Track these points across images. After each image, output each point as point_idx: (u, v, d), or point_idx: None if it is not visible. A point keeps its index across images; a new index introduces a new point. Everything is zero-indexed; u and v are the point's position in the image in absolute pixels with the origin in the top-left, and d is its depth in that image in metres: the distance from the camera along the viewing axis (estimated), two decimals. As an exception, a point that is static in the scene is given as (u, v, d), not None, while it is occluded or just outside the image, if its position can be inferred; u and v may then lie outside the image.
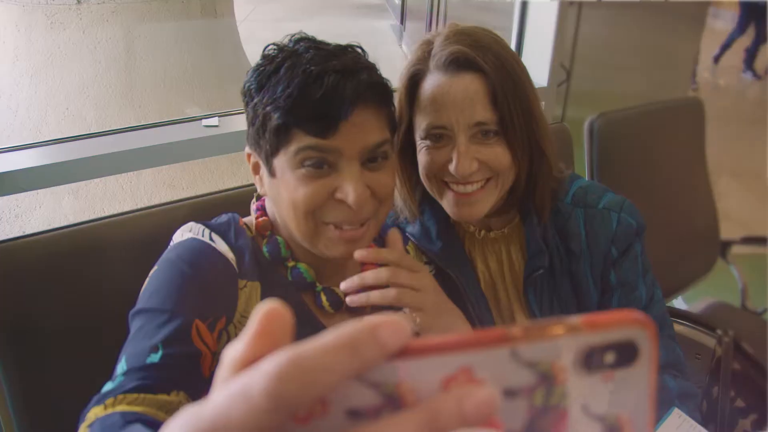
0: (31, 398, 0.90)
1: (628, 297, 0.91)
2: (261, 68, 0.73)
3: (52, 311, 0.91)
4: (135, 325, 0.70)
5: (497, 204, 0.88)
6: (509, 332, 0.21)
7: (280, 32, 0.76)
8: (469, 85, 0.80)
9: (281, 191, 0.74)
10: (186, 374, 0.67)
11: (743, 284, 1.82)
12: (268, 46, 0.75)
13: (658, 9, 3.75)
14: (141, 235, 0.97)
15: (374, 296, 0.76)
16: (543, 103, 0.89)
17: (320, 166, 0.71)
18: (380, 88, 0.73)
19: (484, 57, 0.80)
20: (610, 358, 0.22)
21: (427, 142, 0.84)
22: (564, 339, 0.22)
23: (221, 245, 0.77)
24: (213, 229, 0.79)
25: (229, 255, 0.76)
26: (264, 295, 0.77)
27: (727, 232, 1.88)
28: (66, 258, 0.92)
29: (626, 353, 0.22)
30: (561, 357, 0.22)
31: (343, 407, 0.21)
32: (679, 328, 1.24)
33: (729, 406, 0.98)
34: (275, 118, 0.69)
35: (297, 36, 0.76)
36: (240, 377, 0.20)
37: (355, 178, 0.71)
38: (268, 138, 0.71)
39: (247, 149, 0.79)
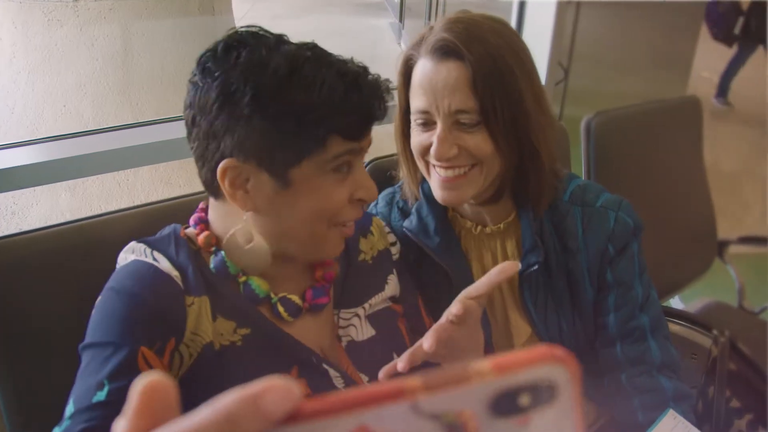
0: (24, 396, 0.89)
1: (625, 296, 0.91)
2: (255, 70, 0.66)
3: (48, 308, 0.91)
4: (83, 361, 0.68)
5: (485, 192, 0.89)
6: (406, 386, 0.20)
7: (279, 29, 0.74)
8: (451, 72, 0.81)
9: (299, 201, 0.70)
10: None
11: (740, 284, 1.82)
12: (207, 53, 0.69)
13: (656, 8, 3.75)
14: (138, 232, 0.96)
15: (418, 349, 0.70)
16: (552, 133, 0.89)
17: (343, 169, 0.71)
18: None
19: (470, 46, 0.80)
20: (525, 400, 0.21)
21: (416, 125, 0.87)
22: (470, 386, 0.20)
23: (164, 263, 0.73)
24: (154, 246, 0.75)
25: (173, 273, 0.72)
26: (214, 309, 0.73)
27: (724, 231, 1.88)
28: (63, 255, 0.92)
29: (543, 393, 0.21)
30: (469, 405, 0.21)
31: None
32: (675, 327, 1.24)
33: (725, 406, 0.98)
34: (315, 126, 0.66)
35: (244, 31, 0.70)
36: None
37: (368, 176, 0.73)
38: (294, 147, 0.67)
39: (229, 162, 0.68)
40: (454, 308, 0.68)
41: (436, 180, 0.88)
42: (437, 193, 0.89)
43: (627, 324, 0.91)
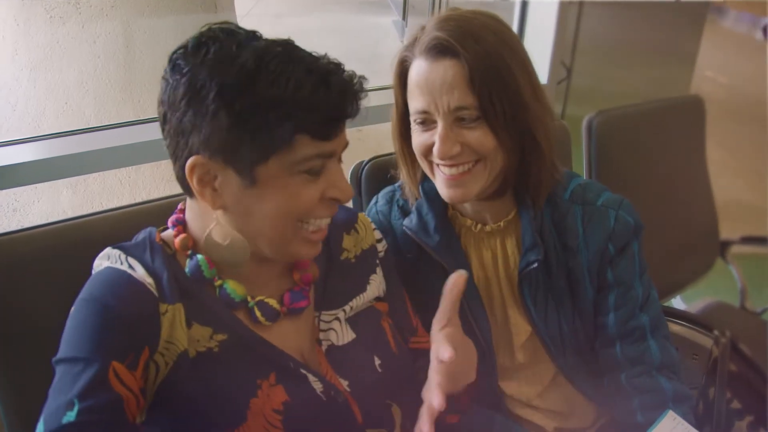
0: (23, 395, 0.89)
1: (625, 296, 0.91)
2: (225, 67, 0.65)
3: (49, 305, 0.91)
4: (56, 376, 0.67)
5: (489, 187, 0.89)
6: None
7: (282, 28, 0.74)
8: (448, 70, 0.81)
9: (265, 199, 0.69)
10: (106, 427, 0.64)
11: (742, 284, 1.82)
12: (177, 51, 0.69)
13: (659, 7, 3.73)
14: (139, 229, 0.96)
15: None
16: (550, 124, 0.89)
17: (317, 170, 0.69)
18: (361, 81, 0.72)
19: (464, 43, 0.80)
20: None
21: (416, 125, 0.87)
22: None
23: (138, 270, 0.72)
24: (129, 252, 0.74)
25: (147, 280, 0.71)
26: (189, 316, 0.73)
27: (726, 231, 1.87)
28: (64, 252, 0.92)
29: None
30: None
31: None
32: (676, 328, 1.24)
33: (725, 407, 0.97)
34: (280, 124, 0.65)
35: (218, 27, 0.69)
36: None
37: (344, 176, 0.71)
38: (260, 145, 0.66)
39: (196, 160, 0.68)
40: (443, 353, 0.67)
41: (440, 179, 0.88)
42: (443, 191, 0.89)
43: (627, 324, 0.91)
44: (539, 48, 1.72)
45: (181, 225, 0.78)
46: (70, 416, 0.61)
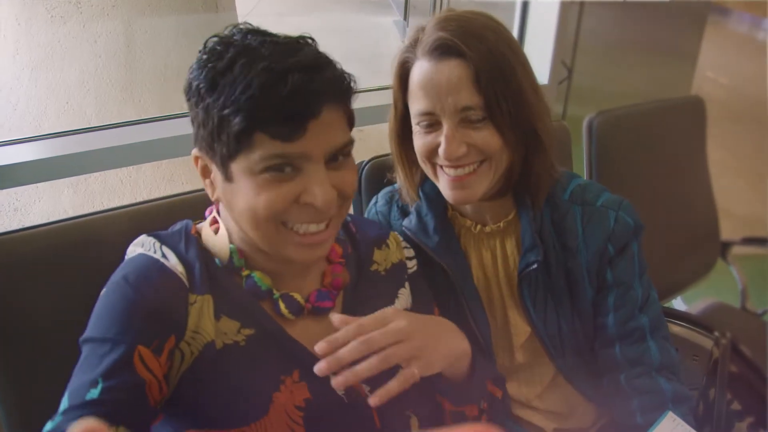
0: (25, 393, 0.90)
1: (624, 297, 0.91)
2: (209, 64, 0.67)
3: (49, 305, 0.91)
4: (82, 354, 0.69)
5: (493, 188, 0.89)
6: None
7: (283, 27, 0.73)
8: (453, 70, 0.81)
9: (238, 196, 0.70)
10: (128, 407, 0.65)
11: (743, 285, 1.81)
12: (210, 39, 0.71)
13: (660, 7, 3.73)
14: (140, 229, 0.95)
15: (361, 370, 0.67)
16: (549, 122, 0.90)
17: (283, 170, 0.68)
18: (346, 84, 0.71)
19: (468, 43, 0.80)
20: None
21: (419, 127, 0.86)
22: None
23: (172, 259, 0.74)
24: (164, 241, 0.76)
25: (179, 269, 0.73)
26: (217, 308, 0.74)
27: (727, 232, 1.87)
28: (65, 251, 0.92)
29: None
30: None
31: None
32: (676, 329, 1.24)
33: (725, 408, 0.97)
34: (236, 122, 0.65)
35: (241, 27, 0.71)
36: None
37: (322, 181, 0.69)
38: (226, 142, 0.67)
39: (195, 152, 0.73)
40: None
41: (445, 181, 0.87)
42: (448, 193, 0.88)
43: (626, 324, 0.91)
44: (540, 48, 1.72)
45: (215, 216, 0.80)
46: (94, 393, 0.64)
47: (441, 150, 0.83)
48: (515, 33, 1.74)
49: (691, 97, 1.84)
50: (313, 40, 0.72)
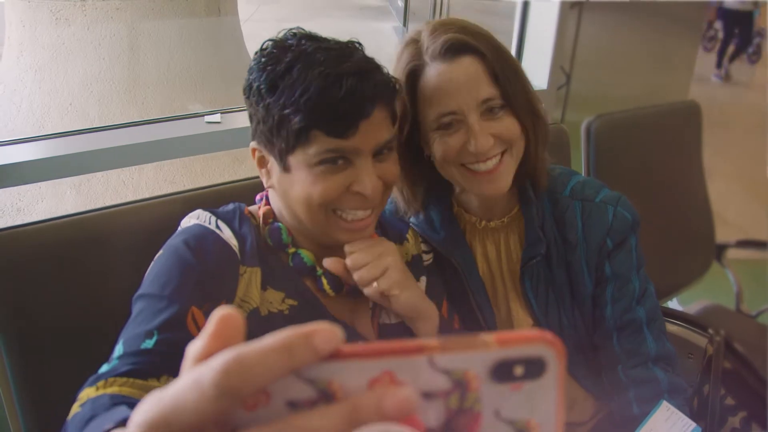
0: (34, 387, 0.91)
1: (622, 289, 0.93)
2: (269, 68, 0.74)
3: (54, 298, 0.93)
4: (135, 309, 0.74)
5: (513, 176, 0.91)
6: (427, 344, 0.25)
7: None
8: (469, 66, 0.84)
9: (295, 185, 0.77)
10: (178, 360, 0.68)
11: (738, 287, 1.83)
12: (266, 42, 0.77)
13: (659, 13, 3.76)
14: (143, 225, 0.98)
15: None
16: (543, 105, 0.93)
17: (336, 162, 0.75)
18: (392, 86, 0.78)
19: (477, 39, 0.84)
20: (519, 370, 0.25)
21: (440, 131, 0.87)
22: (476, 352, 0.25)
23: (226, 232, 0.80)
24: (219, 216, 0.82)
25: (233, 242, 0.80)
26: (264, 280, 0.81)
27: (724, 236, 1.89)
28: (68, 247, 0.94)
29: (534, 367, 0.25)
30: (474, 367, 0.25)
31: (283, 399, 0.25)
32: (672, 328, 1.25)
33: (719, 403, 0.99)
34: (296, 121, 0.72)
35: (294, 32, 0.78)
36: (195, 369, 0.24)
37: (370, 173, 0.76)
38: (285, 137, 0.74)
39: (253, 144, 0.81)
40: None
41: (474, 179, 0.89)
42: (481, 189, 0.89)
43: (624, 316, 0.93)
44: (539, 53, 1.74)
45: (266, 199, 0.88)
46: (149, 343, 0.69)
47: (471, 146, 0.84)
48: (515, 39, 1.76)
49: (687, 102, 1.87)
50: (360, 44, 0.79)
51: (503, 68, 0.85)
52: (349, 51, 0.76)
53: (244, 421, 0.24)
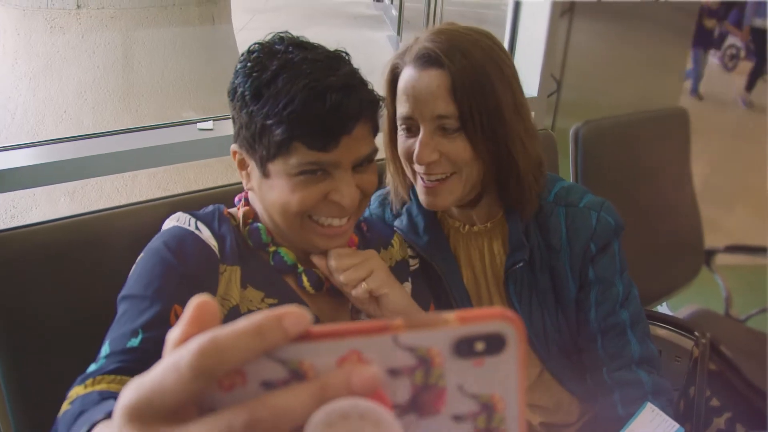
0: (28, 389, 0.91)
1: (605, 293, 0.94)
2: (254, 74, 0.74)
3: (49, 300, 0.94)
4: (120, 309, 0.75)
5: (466, 197, 0.93)
6: (391, 323, 0.26)
7: None
8: (433, 80, 0.85)
9: (274, 191, 0.78)
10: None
11: (727, 293, 1.85)
12: (253, 45, 0.78)
13: (649, 21, 3.80)
14: (137, 228, 0.99)
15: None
16: (533, 113, 0.93)
17: (315, 173, 0.76)
18: (375, 104, 0.79)
19: (450, 55, 0.84)
20: (480, 346, 0.26)
21: (402, 131, 0.91)
22: (438, 330, 0.26)
23: (205, 232, 0.82)
24: (198, 218, 0.84)
25: (212, 242, 0.81)
26: (244, 278, 0.82)
27: (711, 241, 1.91)
28: (62, 249, 0.95)
29: (495, 343, 0.26)
30: (437, 344, 0.26)
31: (258, 379, 0.26)
32: (660, 331, 1.27)
33: (705, 405, 1.00)
34: (278, 132, 0.72)
35: (282, 36, 0.79)
36: (173, 352, 0.25)
37: (349, 184, 0.77)
38: (267, 146, 0.75)
39: (234, 147, 0.82)
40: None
41: (420, 186, 0.92)
42: (422, 198, 0.93)
43: (607, 319, 0.94)
44: (530, 61, 1.76)
45: (246, 200, 0.89)
46: (134, 342, 0.71)
47: (415, 153, 0.87)
48: (506, 46, 1.78)
49: (675, 108, 1.89)
50: (347, 54, 0.80)
51: (470, 91, 0.84)
52: (336, 63, 0.76)
53: (221, 402, 0.26)
